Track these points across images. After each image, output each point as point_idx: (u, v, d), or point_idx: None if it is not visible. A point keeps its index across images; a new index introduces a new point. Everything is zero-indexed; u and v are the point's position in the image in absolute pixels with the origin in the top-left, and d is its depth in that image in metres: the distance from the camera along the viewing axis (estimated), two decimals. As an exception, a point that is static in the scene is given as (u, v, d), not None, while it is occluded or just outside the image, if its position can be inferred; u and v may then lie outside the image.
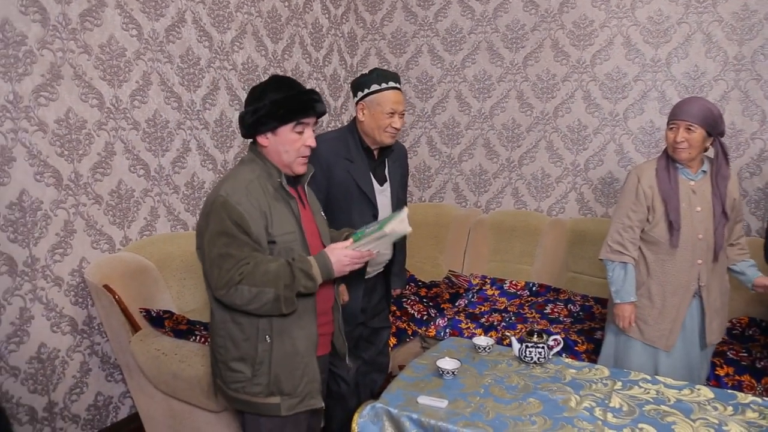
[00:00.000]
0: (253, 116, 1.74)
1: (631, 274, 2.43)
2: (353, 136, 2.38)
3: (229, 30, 3.28)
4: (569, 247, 3.65)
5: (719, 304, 2.42)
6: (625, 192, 2.47)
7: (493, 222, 3.91)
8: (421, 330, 3.27)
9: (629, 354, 2.48)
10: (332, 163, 2.32)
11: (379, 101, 2.29)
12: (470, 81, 4.06)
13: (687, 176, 2.38)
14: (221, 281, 1.67)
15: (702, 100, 2.32)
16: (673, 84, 3.49)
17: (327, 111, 1.86)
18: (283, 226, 1.75)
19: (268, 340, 1.74)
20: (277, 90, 1.75)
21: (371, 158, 2.41)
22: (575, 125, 3.80)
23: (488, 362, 2.37)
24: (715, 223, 2.34)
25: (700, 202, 2.35)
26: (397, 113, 2.30)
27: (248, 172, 1.76)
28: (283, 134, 1.75)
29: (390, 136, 2.33)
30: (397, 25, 4.25)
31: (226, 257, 1.66)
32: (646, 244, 2.43)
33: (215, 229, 1.67)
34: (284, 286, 1.67)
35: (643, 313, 2.43)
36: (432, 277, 3.84)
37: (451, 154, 4.21)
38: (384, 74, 2.31)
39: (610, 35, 3.61)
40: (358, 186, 2.33)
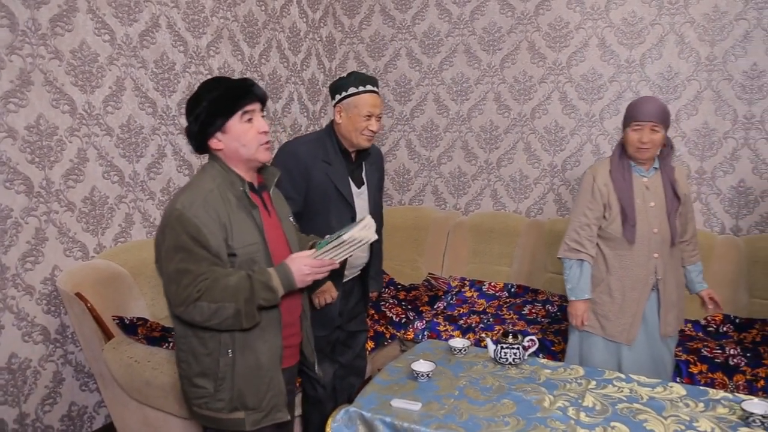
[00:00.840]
0: (197, 123, 1.69)
1: (587, 271, 2.48)
2: (331, 139, 2.38)
3: (205, 35, 3.27)
4: (547, 248, 3.66)
5: (675, 297, 2.48)
6: (582, 191, 2.53)
7: (472, 224, 3.92)
8: (400, 333, 3.27)
9: (592, 351, 2.52)
10: (310, 165, 2.31)
11: (356, 104, 2.29)
12: (448, 84, 4.08)
13: (640, 173, 2.45)
14: (179, 298, 1.62)
15: (656, 100, 2.41)
16: (648, 84, 3.53)
17: (267, 96, 1.83)
18: (245, 238, 1.70)
19: (230, 355, 1.70)
20: (211, 89, 1.70)
21: (349, 161, 2.41)
22: (552, 126, 3.82)
23: (464, 364, 2.37)
24: (668, 210, 2.41)
25: (654, 197, 2.42)
26: (374, 116, 2.31)
27: (208, 181, 1.70)
28: (233, 128, 1.69)
29: (367, 139, 2.33)
30: (375, 29, 4.26)
31: (184, 273, 1.61)
32: (604, 240, 2.48)
33: (171, 244, 1.62)
34: (244, 301, 1.63)
35: (603, 309, 2.48)
36: (411, 280, 3.84)
37: (430, 156, 4.22)
38: (361, 77, 2.32)
39: (585, 37, 3.65)
40: (336, 188, 2.33)
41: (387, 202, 4.39)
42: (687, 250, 2.55)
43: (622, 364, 2.47)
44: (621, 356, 2.48)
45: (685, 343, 2.88)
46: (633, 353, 2.47)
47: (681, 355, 2.75)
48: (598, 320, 2.49)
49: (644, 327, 2.46)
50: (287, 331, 1.84)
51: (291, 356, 1.92)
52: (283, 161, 2.33)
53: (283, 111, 3.93)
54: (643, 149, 2.36)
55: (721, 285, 3.11)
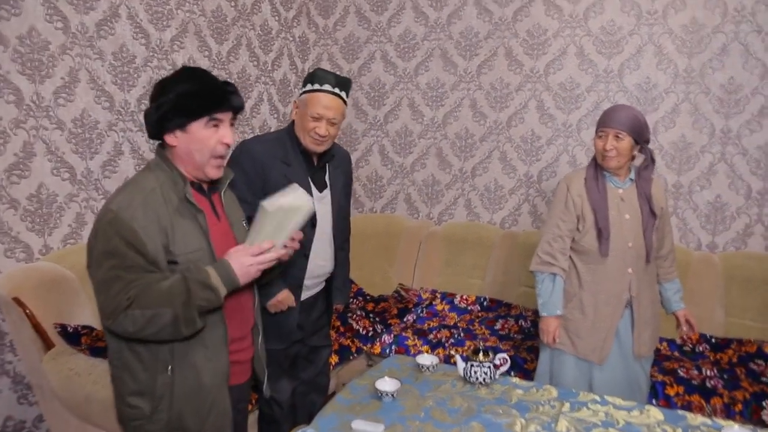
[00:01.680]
0: (157, 112, 1.54)
1: (559, 286, 2.38)
2: (291, 138, 2.24)
3: (169, 28, 3.10)
4: (522, 260, 3.55)
5: (650, 314, 2.38)
6: (555, 202, 2.43)
7: (445, 234, 3.80)
8: (366, 347, 3.13)
9: (563, 369, 2.41)
10: (268, 165, 2.17)
11: (308, 102, 2.17)
12: (423, 89, 3.97)
13: (615, 184, 2.36)
14: (108, 308, 1.46)
15: (629, 108, 2.32)
16: (626, 95, 3.46)
17: (244, 107, 1.69)
18: (188, 244, 1.54)
19: (169, 372, 1.53)
20: (187, 82, 1.55)
21: (310, 163, 2.26)
22: (528, 136, 3.73)
23: (431, 383, 2.23)
24: (643, 225, 2.31)
25: (629, 209, 2.33)
26: (324, 119, 2.15)
27: (151, 180, 1.55)
28: (194, 131, 1.55)
29: (313, 142, 2.19)
30: (350, 30, 4.13)
31: (114, 280, 1.44)
32: (577, 254, 2.38)
33: (103, 249, 1.46)
34: (181, 304, 1.45)
35: (575, 326, 2.37)
36: (381, 291, 3.71)
37: (404, 163, 4.10)
38: (325, 75, 2.18)
39: (564, 45, 3.57)
40: None
41: (358, 209, 4.25)
42: (663, 266, 2.46)
43: (594, 384, 2.37)
44: (592, 376, 2.38)
45: (661, 363, 2.80)
46: (605, 373, 2.36)
47: (657, 375, 2.66)
48: (570, 337, 2.38)
49: (617, 345, 2.35)
50: (236, 345, 1.68)
51: (241, 372, 1.76)
52: (239, 160, 2.19)
53: (252, 111, 3.77)
54: (607, 157, 2.29)
55: (697, 303, 3.03)
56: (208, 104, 1.55)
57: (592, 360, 2.35)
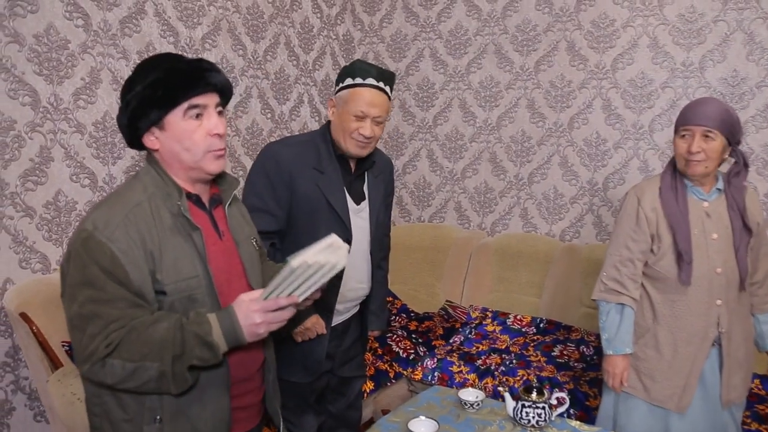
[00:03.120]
0: (126, 112, 1.29)
1: (628, 319, 2.00)
2: (326, 142, 1.96)
3: (200, 25, 2.92)
4: (584, 277, 3.18)
5: (743, 353, 1.97)
6: (623, 217, 2.04)
7: (498, 246, 3.46)
8: (406, 372, 2.83)
9: (632, 417, 2.02)
10: (296, 172, 1.90)
11: (348, 98, 1.88)
12: (476, 88, 3.65)
13: (699, 196, 1.95)
14: (82, 351, 1.21)
15: (718, 102, 1.91)
16: (708, 92, 3.04)
17: (230, 87, 1.42)
18: (180, 270, 1.28)
19: (158, 423, 1.27)
20: (148, 70, 1.29)
21: (347, 170, 1.99)
22: (593, 138, 3.35)
23: (475, 422, 1.92)
24: (735, 246, 1.90)
25: (716, 227, 1.92)
26: (369, 117, 1.87)
27: (137, 192, 1.29)
28: (173, 125, 1.28)
29: (357, 145, 1.91)
30: (397, 27, 3.87)
31: (91, 318, 1.20)
32: (651, 281, 2.00)
33: (76, 278, 1.22)
34: (172, 359, 1.21)
35: (649, 366, 1.98)
36: (427, 308, 3.40)
37: (454, 169, 3.79)
38: (366, 68, 1.89)
39: (635, 36, 3.17)
40: (328, 202, 1.91)
41: (405, 218, 3.96)
42: (759, 294, 2.03)
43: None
44: (670, 426, 1.98)
45: (753, 406, 2.36)
46: (686, 423, 1.96)
47: (749, 422, 2.24)
48: (641, 380, 2.00)
49: (701, 391, 1.95)
50: (240, 388, 1.40)
51: (248, 419, 1.48)
52: (263, 166, 1.94)
53: (291, 114, 3.56)
54: (692, 162, 1.88)
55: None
56: (179, 88, 1.27)
57: (669, 408, 1.96)
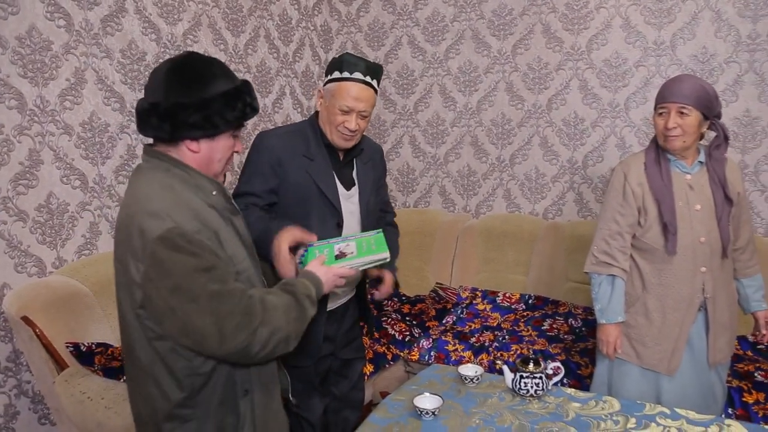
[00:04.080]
0: (197, 114, 1.28)
1: (619, 289, 2.09)
2: (314, 130, 2.01)
3: (181, 21, 2.92)
4: (568, 253, 3.28)
5: (727, 317, 2.07)
6: (611, 192, 2.13)
7: (483, 228, 3.54)
8: (403, 353, 2.90)
9: (625, 382, 2.13)
10: (286, 160, 1.94)
11: (335, 92, 1.91)
12: (455, 74, 3.70)
13: (682, 169, 2.04)
14: (229, 327, 1.25)
15: (693, 78, 2.00)
16: (680, 68, 3.14)
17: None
18: (237, 254, 1.37)
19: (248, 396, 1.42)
20: (223, 77, 1.33)
21: (336, 158, 2.04)
22: (571, 118, 3.44)
23: (476, 396, 2.00)
24: (717, 216, 2.00)
25: (699, 198, 2.01)
26: (354, 112, 1.90)
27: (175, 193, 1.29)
28: (222, 140, 1.36)
29: (342, 137, 1.95)
30: (374, 16, 3.90)
31: (222, 297, 1.25)
32: (639, 252, 2.09)
33: (183, 270, 1.22)
34: (294, 320, 1.38)
35: (639, 333, 2.08)
36: (417, 291, 3.47)
37: (436, 154, 3.85)
38: (354, 62, 1.92)
39: (608, 17, 3.26)
40: (318, 188, 1.96)
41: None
42: (741, 259, 2.14)
43: (662, 397, 2.08)
44: (660, 388, 2.09)
45: (733, 365, 2.48)
46: (675, 384, 2.07)
47: (731, 380, 2.36)
48: (633, 346, 2.10)
49: (689, 354, 2.06)
50: None
51: None
52: (255, 153, 1.98)
53: (274, 106, 3.58)
54: (670, 137, 1.97)
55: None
56: (249, 110, 1.38)
57: (660, 371, 2.07)
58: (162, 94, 1.29)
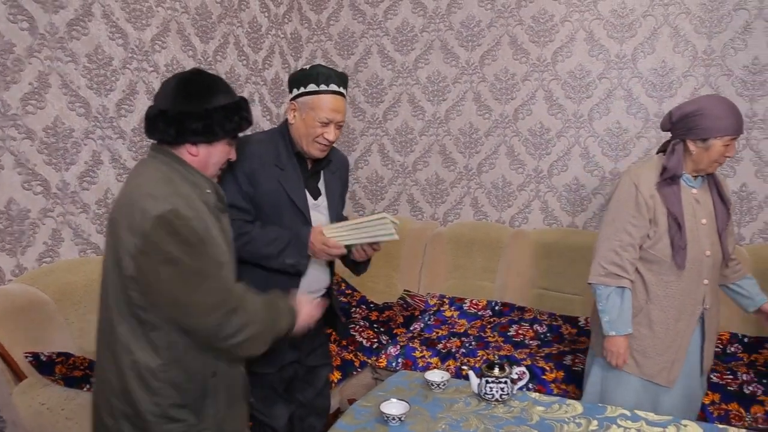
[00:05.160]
0: (199, 122, 1.46)
1: (628, 301, 2.06)
2: (284, 140, 2.01)
3: (149, 27, 2.89)
4: (534, 260, 3.34)
5: (715, 324, 2.14)
6: (621, 202, 2.07)
7: (451, 235, 3.58)
8: (371, 360, 2.91)
9: (622, 393, 2.12)
10: (258, 169, 1.95)
11: (313, 105, 1.91)
12: (423, 83, 3.75)
13: (688, 183, 2.05)
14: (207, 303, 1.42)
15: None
16: (641, 81, 3.24)
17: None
18: (221, 247, 1.51)
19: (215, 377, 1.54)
20: (224, 93, 1.51)
21: (304, 167, 2.05)
22: (537, 128, 3.51)
23: (443, 402, 2.02)
24: (719, 228, 2.04)
25: (705, 212, 2.04)
26: (333, 123, 1.93)
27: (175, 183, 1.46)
28: (219, 147, 1.53)
29: (320, 149, 1.97)
30: (344, 25, 3.92)
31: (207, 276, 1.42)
32: (646, 263, 2.07)
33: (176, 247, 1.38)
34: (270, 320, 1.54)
35: (642, 344, 2.08)
36: (386, 298, 3.49)
37: (405, 162, 3.88)
38: (327, 74, 1.93)
39: (572, 30, 3.35)
40: (289, 198, 1.97)
41: (359, 212, 4.03)
42: (731, 266, 2.17)
43: (660, 408, 2.09)
44: (658, 400, 2.09)
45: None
46: (673, 395, 2.09)
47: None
48: (633, 357, 2.08)
49: (685, 364, 2.09)
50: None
51: None
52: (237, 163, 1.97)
53: (243, 113, 3.56)
54: (719, 164, 2.00)
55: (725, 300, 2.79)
56: (245, 123, 1.55)
57: (659, 382, 2.07)
58: (170, 102, 1.47)
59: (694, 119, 1.97)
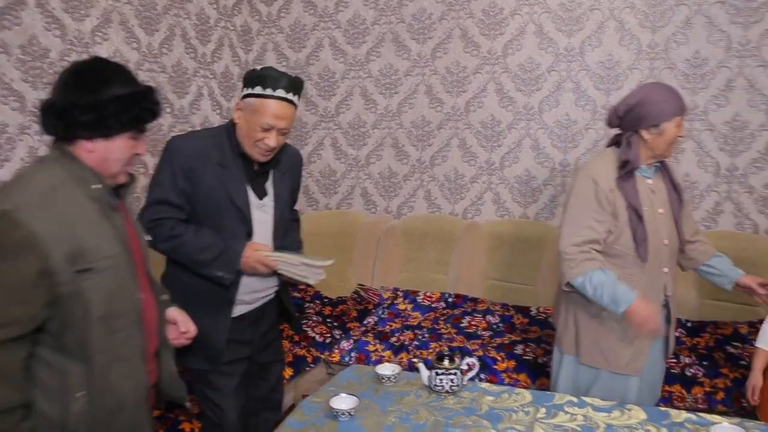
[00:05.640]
0: (89, 114, 1.32)
1: (612, 274, 1.98)
2: (229, 139, 1.95)
3: (89, 17, 2.79)
4: (487, 252, 3.37)
5: (676, 309, 2.18)
6: (582, 198, 2.03)
7: (404, 228, 3.58)
8: (324, 355, 2.89)
9: (594, 388, 2.12)
10: (198, 167, 1.91)
11: (256, 109, 1.86)
12: (376, 76, 3.73)
13: (644, 174, 2.06)
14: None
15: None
16: (588, 74, 3.29)
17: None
18: (102, 249, 1.37)
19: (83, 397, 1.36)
20: (122, 83, 1.38)
21: (249, 167, 1.99)
22: (488, 121, 3.54)
23: (393, 395, 2.02)
24: (675, 216, 2.06)
25: (661, 202, 2.06)
26: (275, 129, 1.87)
27: (50, 175, 1.34)
28: (119, 141, 1.39)
29: (261, 153, 1.92)
30: (295, 17, 3.87)
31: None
32: (609, 258, 2.03)
33: None
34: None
35: (609, 338, 2.07)
36: (340, 293, 3.47)
37: (358, 156, 3.87)
38: (277, 77, 1.86)
39: (522, 23, 3.38)
40: (230, 197, 1.93)
41: (312, 207, 4.00)
42: (699, 247, 2.19)
43: (627, 399, 2.08)
44: (627, 390, 2.10)
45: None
46: (638, 384, 2.10)
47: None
48: (602, 351, 2.08)
49: (651, 351, 2.11)
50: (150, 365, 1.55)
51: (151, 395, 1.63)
52: (167, 158, 1.93)
53: (191, 108, 3.49)
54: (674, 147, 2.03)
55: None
56: (147, 115, 1.42)
57: (629, 373, 2.08)
58: (59, 93, 1.36)
59: (643, 108, 1.98)
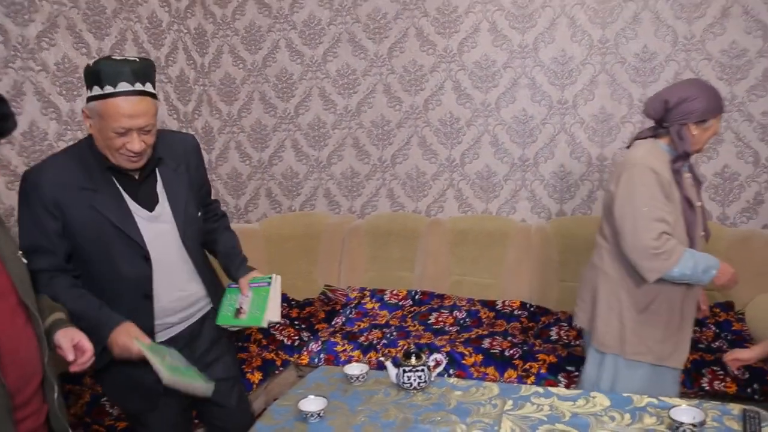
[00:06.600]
0: None
1: (690, 250, 1.98)
2: (94, 155, 1.67)
3: (33, 23, 2.70)
4: (451, 248, 3.41)
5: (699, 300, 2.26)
6: (646, 191, 1.98)
7: (368, 228, 3.59)
8: (293, 358, 2.87)
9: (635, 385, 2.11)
10: (63, 199, 1.63)
11: (102, 112, 1.56)
12: (334, 76, 3.72)
13: (684, 169, 2.11)
14: None
15: None
16: (543, 70, 3.35)
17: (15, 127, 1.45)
18: None
19: None
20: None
21: (129, 179, 1.73)
22: (447, 118, 3.57)
23: (362, 394, 2.02)
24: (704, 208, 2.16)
25: (698, 195, 2.13)
26: (133, 130, 1.58)
27: None
28: None
29: (128, 160, 1.65)
30: (250, 19, 3.83)
31: None
32: None
33: None
34: None
35: (656, 330, 2.08)
36: (306, 294, 3.46)
37: (319, 157, 3.85)
38: (114, 71, 1.55)
39: (476, 21, 3.42)
40: (111, 222, 1.67)
41: (275, 210, 3.97)
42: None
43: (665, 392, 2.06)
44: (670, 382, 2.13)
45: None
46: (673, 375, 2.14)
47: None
48: (647, 344, 2.08)
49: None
50: (19, 413, 1.35)
51: None
52: (24, 200, 1.66)
53: (146, 112, 3.41)
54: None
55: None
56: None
57: (673, 365, 2.10)
58: None
59: (692, 103, 2.00)
